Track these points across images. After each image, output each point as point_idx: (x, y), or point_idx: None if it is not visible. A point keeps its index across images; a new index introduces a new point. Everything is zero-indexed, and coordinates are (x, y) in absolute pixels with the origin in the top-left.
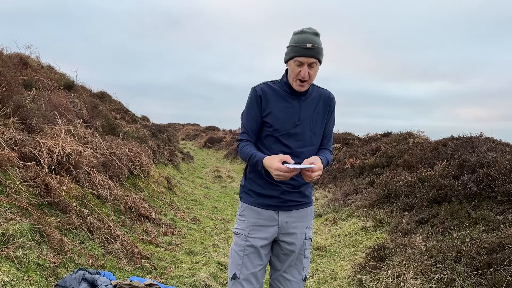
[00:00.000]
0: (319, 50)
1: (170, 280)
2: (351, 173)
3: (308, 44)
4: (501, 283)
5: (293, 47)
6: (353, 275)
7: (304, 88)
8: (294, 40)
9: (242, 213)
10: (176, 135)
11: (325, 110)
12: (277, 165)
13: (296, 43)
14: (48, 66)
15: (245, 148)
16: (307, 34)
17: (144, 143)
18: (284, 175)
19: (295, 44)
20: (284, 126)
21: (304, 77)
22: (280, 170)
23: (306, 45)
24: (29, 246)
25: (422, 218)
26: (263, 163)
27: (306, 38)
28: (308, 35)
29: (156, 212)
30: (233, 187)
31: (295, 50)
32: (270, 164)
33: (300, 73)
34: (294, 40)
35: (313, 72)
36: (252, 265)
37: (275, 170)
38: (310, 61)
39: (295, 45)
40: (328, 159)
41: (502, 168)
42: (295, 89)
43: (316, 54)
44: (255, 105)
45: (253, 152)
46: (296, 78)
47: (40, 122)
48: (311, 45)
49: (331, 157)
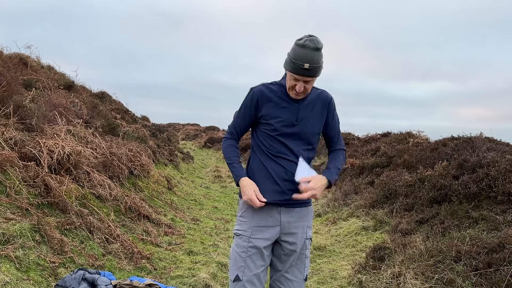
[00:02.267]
0: (316, 69)
1: (170, 280)
2: (351, 173)
3: (306, 64)
4: (501, 283)
5: (291, 63)
6: (353, 275)
7: (299, 97)
8: (294, 54)
9: (243, 214)
10: (176, 135)
11: (323, 111)
12: (251, 195)
13: (294, 59)
14: (48, 66)
15: (229, 150)
16: (307, 50)
17: (144, 143)
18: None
19: (294, 60)
20: (282, 126)
21: (299, 92)
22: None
23: (304, 65)
24: (29, 246)
25: (422, 218)
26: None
27: (304, 57)
28: (308, 51)
29: (156, 212)
30: (233, 187)
31: (292, 67)
32: (246, 189)
33: (295, 87)
34: (293, 54)
35: (309, 86)
36: (255, 267)
37: (247, 198)
38: (305, 79)
39: (294, 61)
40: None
41: (502, 168)
42: (291, 96)
43: (313, 74)
44: (251, 106)
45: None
46: (292, 89)
47: (40, 122)
48: (309, 66)
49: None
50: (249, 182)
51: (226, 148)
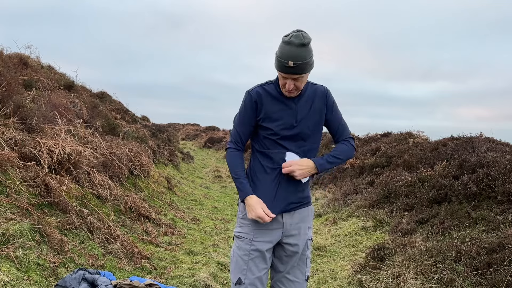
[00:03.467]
0: (303, 66)
1: (170, 280)
2: (351, 173)
3: (289, 62)
4: (501, 283)
5: (277, 61)
6: (353, 275)
7: (293, 95)
8: (279, 52)
9: (244, 216)
10: (176, 135)
11: (322, 106)
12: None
13: (279, 57)
14: (48, 66)
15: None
16: (292, 47)
17: (144, 143)
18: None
19: (279, 58)
20: (282, 129)
21: (289, 89)
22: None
23: (288, 63)
24: (29, 246)
25: (422, 218)
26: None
27: (289, 54)
28: (292, 48)
29: (156, 212)
30: (233, 187)
31: (277, 66)
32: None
33: (285, 85)
34: (279, 51)
35: (299, 83)
36: (258, 269)
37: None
38: (292, 77)
39: (279, 59)
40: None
41: (502, 168)
42: (285, 95)
43: (299, 71)
44: (250, 110)
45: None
46: (283, 88)
47: (40, 122)
48: (293, 63)
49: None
50: (255, 200)
51: (231, 161)
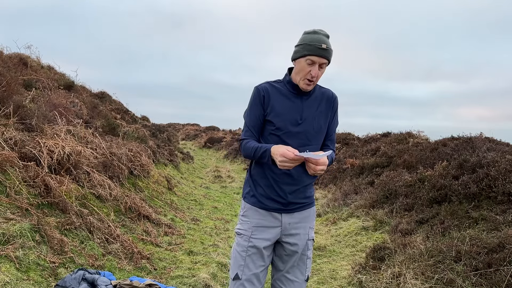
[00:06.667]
0: (331, 52)
1: (170, 280)
2: (351, 173)
3: (323, 44)
4: (501, 283)
5: (307, 45)
6: (353, 275)
7: (310, 87)
8: (308, 39)
9: (245, 213)
10: (176, 135)
11: (328, 109)
12: (283, 150)
13: (311, 42)
14: (48, 66)
15: (249, 144)
16: (321, 35)
17: (144, 143)
18: (288, 162)
19: (310, 42)
20: (287, 125)
21: (314, 76)
22: (285, 156)
23: (321, 45)
24: (29, 246)
25: (422, 218)
26: (270, 151)
27: (320, 39)
28: (321, 36)
29: (156, 212)
30: (233, 187)
31: (309, 49)
32: (277, 151)
33: (311, 72)
34: (308, 39)
35: (321, 73)
36: (255, 266)
37: (280, 156)
38: (322, 62)
39: (310, 43)
40: (332, 157)
41: (502, 168)
42: (301, 87)
43: (329, 56)
44: (258, 104)
45: (258, 144)
46: (305, 77)
47: (40, 122)
48: (326, 46)
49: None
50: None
51: (245, 145)
